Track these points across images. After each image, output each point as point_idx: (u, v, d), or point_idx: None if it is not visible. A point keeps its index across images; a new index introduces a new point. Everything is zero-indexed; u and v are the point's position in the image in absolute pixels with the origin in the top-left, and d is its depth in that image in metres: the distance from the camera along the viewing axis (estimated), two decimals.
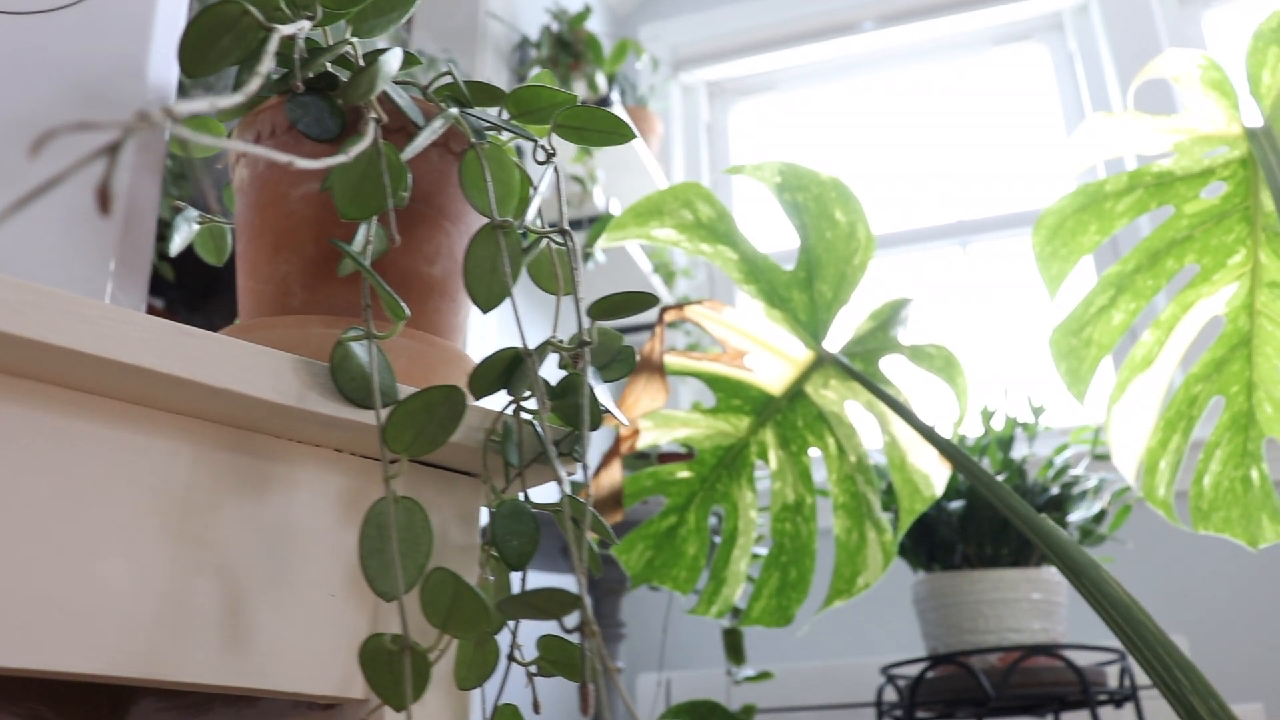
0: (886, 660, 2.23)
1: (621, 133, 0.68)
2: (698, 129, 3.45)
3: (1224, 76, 1.22)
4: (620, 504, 1.32)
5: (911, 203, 3.27)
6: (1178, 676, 0.77)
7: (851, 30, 3.42)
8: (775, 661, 2.65)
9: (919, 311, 1.31)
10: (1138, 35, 3.12)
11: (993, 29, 3.42)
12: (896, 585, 2.63)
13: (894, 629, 2.61)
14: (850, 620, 2.67)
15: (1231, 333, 1.30)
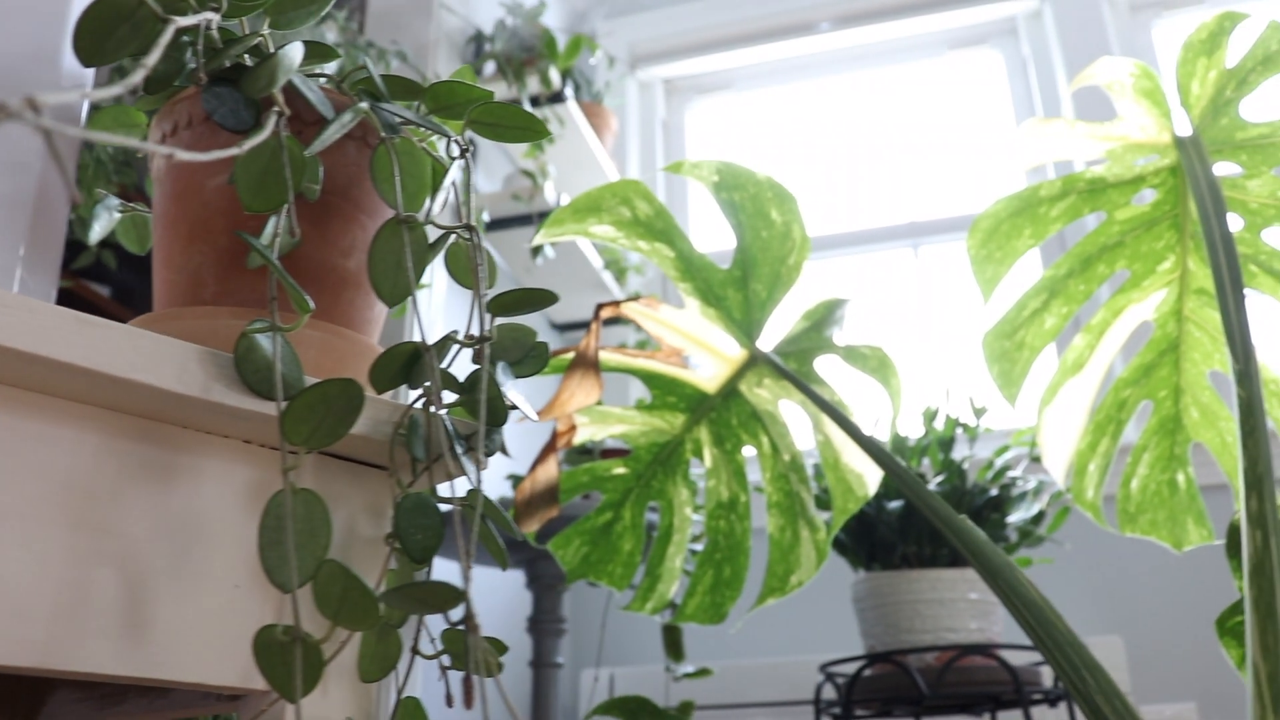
0: (827, 658, 2.25)
1: (535, 130, 0.68)
2: (654, 126, 3.45)
3: (1156, 85, 1.23)
4: (556, 499, 1.33)
5: (866, 204, 3.29)
6: (1085, 677, 0.78)
7: (808, 31, 3.44)
8: (717, 658, 2.66)
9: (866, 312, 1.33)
10: (1089, 42, 3.15)
11: (948, 32, 3.44)
12: (839, 584, 2.65)
13: (835, 627, 2.63)
14: (792, 618, 2.68)
15: (1160, 338, 1.31)
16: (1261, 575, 0.76)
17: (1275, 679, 0.71)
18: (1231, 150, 1.25)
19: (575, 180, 2.85)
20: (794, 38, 3.45)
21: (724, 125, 3.53)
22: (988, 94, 3.36)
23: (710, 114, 3.56)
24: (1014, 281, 1.32)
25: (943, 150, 3.31)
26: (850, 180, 3.34)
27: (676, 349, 1.28)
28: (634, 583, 1.72)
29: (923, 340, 3.06)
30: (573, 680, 2.65)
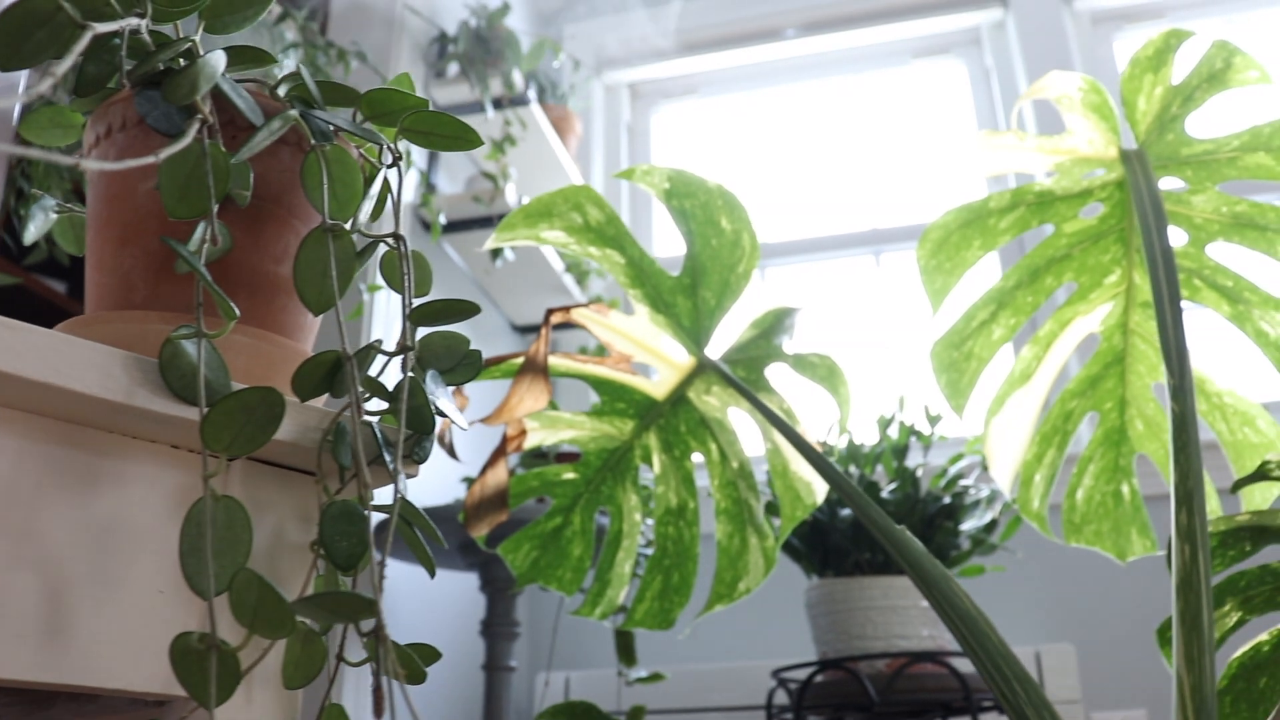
0: (781, 664, 2.26)
1: (468, 139, 0.68)
2: (619, 130, 3.46)
3: (1104, 100, 1.25)
4: (505, 503, 1.33)
5: (829, 211, 3.30)
6: (1015, 688, 0.79)
7: (774, 37, 3.45)
8: (672, 663, 2.66)
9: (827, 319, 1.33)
10: (1051, 54, 3.17)
11: (913, 41, 3.46)
12: (794, 590, 2.66)
13: (790, 634, 2.64)
14: (747, 624, 2.69)
15: (1106, 350, 1.33)
16: (1188, 589, 0.77)
17: (1198, 691, 0.72)
18: (1177, 166, 1.27)
19: (537, 183, 2.85)
20: (760, 44, 3.46)
21: (689, 130, 3.54)
22: (951, 103, 3.38)
23: (676, 119, 3.57)
24: (964, 292, 1.33)
25: (906, 159, 3.33)
26: (814, 187, 3.36)
27: (626, 355, 1.28)
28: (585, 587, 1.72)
29: (883, 348, 3.07)
30: (529, 684, 2.65)
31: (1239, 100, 3.04)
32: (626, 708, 2.30)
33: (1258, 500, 1.32)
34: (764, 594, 2.68)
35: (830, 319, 3.15)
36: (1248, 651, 1.26)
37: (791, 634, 2.63)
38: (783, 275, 3.24)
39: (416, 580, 2.23)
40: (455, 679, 2.34)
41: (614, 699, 2.39)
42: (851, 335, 3.11)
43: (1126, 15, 3.31)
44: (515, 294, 2.81)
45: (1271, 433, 1.32)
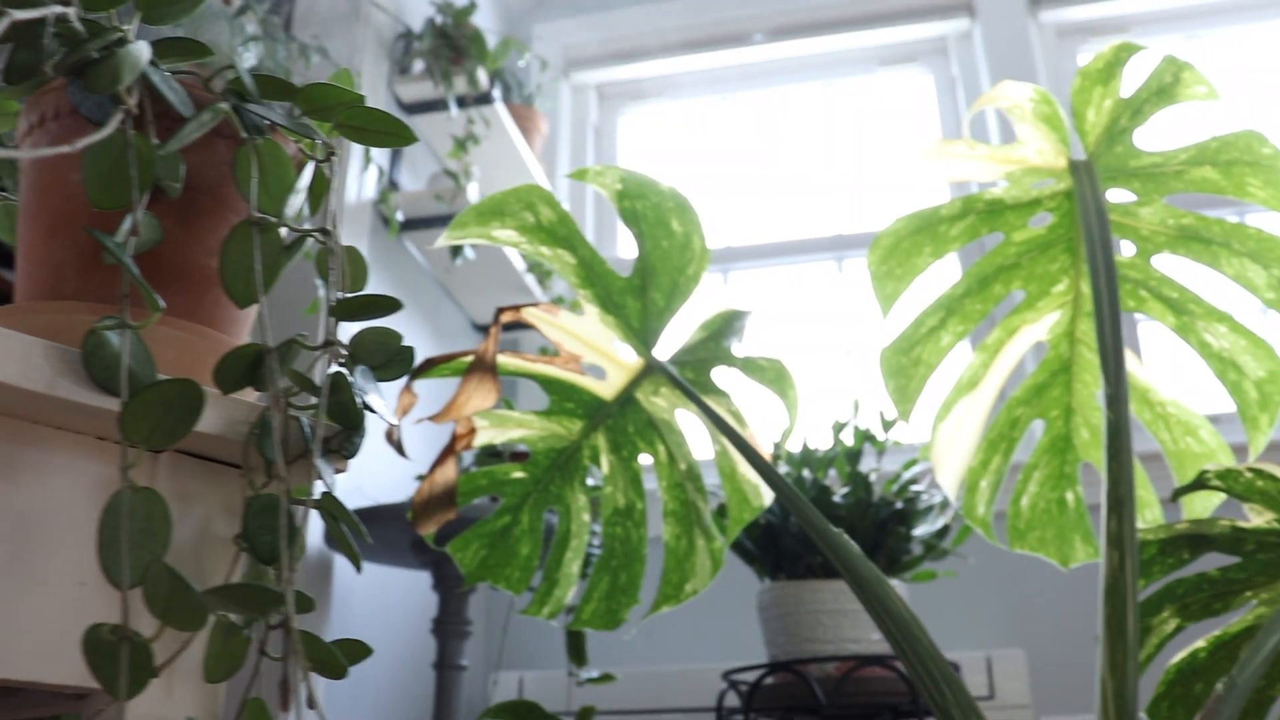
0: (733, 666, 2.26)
1: (402, 135, 0.68)
2: (586, 131, 3.46)
3: (1055, 111, 1.26)
4: (454, 502, 1.32)
5: (793, 216, 3.31)
6: (944, 691, 0.79)
7: (743, 42, 3.45)
8: (626, 664, 2.66)
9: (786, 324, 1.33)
10: (1016, 65, 3.19)
11: (880, 49, 3.47)
12: (748, 593, 2.67)
13: (745, 636, 2.64)
14: (701, 627, 2.69)
15: (1053, 359, 1.34)
16: (1115, 595, 0.78)
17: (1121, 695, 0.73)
18: (1125, 178, 1.28)
19: (501, 182, 2.85)
20: (728, 48, 3.47)
21: (656, 132, 3.54)
22: (917, 112, 3.40)
23: (643, 121, 3.57)
24: (915, 298, 1.34)
25: (871, 166, 3.34)
26: (780, 192, 3.37)
27: (575, 355, 1.28)
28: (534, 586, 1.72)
29: (843, 353, 3.09)
30: (484, 683, 2.65)
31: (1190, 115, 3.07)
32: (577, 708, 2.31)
33: (1198, 509, 1.33)
34: (718, 596, 2.69)
35: (792, 324, 3.16)
36: (1185, 658, 1.27)
37: (745, 636, 2.64)
38: (746, 279, 3.25)
39: (370, 578, 2.22)
40: (407, 677, 2.33)
41: (568, 700, 2.39)
42: (813, 340, 3.12)
43: (1091, 29, 3.33)
44: (477, 292, 2.81)
45: (1213, 443, 1.33)
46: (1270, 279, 1.29)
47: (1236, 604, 1.25)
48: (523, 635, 2.76)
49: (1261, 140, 1.25)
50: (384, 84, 2.50)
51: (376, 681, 2.21)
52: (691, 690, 2.41)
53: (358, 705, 2.11)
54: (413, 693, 2.35)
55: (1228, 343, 1.30)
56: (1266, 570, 1.21)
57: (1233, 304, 1.33)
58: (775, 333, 3.16)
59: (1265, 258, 1.28)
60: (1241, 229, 1.28)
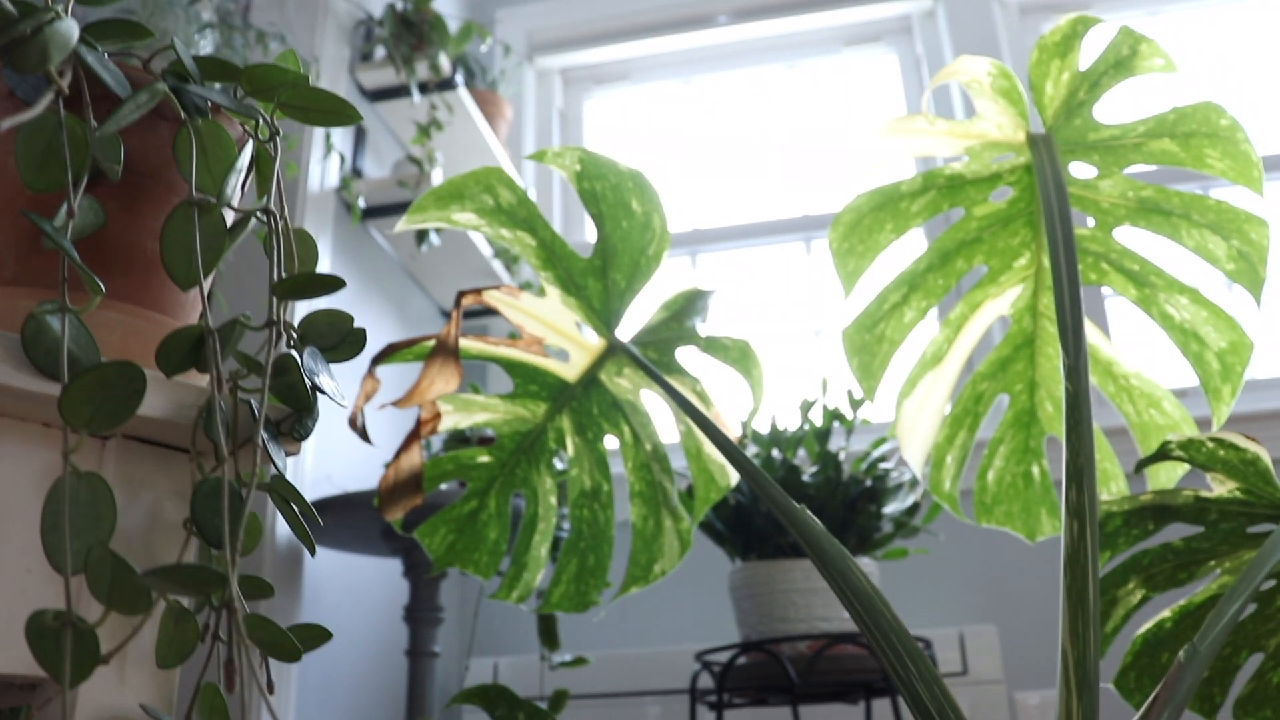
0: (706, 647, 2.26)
1: (347, 114, 0.68)
2: (551, 115, 3.44)
3: (1013, 85, 1.25)
4: (420, 487, 1.32)
5: (761, 197, 3.31)
6: (908, 665, 0.79)
7: (707, 24, 3.45)
8: (600, 647, 2.66)
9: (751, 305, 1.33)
10: (980, 43, 3.20)
11: (845, 29, 3.47)
12: (722, 574, 2.67)
13: (719, 617, 2.65)
14: (675, 608, 2.69)
15: (1016, 333, 1.34)
16: (1076, 565, 0.78)
17: (1082, 664, 0.73)
18: (1085, 151, 1.28)
19: (465, 168, 2.83)
20: (692, 30, 3.46)
21: (622, 116, 3.53)
22: (883, 92, 3.40)
23: (609, 105, 3.56)
24: (878, 275, 1.33)
25: (838, 146, 3.34)
26: (748, 174, 3.36)
27: (538, 337, 1.28)
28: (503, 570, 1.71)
29: (813, 333, 3.09)
30: (459, 669, 2.64)
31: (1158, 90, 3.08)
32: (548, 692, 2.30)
33: (1163, 480, 1.34)
34: (691, 578, 2.69)
35: (761, 305, 3.16)
36: (1151, 628, 1.28)
37: (719, 618, 2.64)
38: (714, 261, 3.25)
39: (341, 566, 2.21)
40: (380, 665, 2.32)
41: (542, 684, 2.39)
42: (782, 321, 3.12)
43: (1054, 6, 3.34)
44: (443, 278, 2.80)
45: (1177, 414, 1.34)
46: (1230, 250, 1.29)
47: (1201, 573, 1.26)
48: (497, 620, 2.76)
49: (1219, 112, 1.25)
50: (345, 71, 2.48)
51: (349, 669, 2.20)
52: (666, 672, 2.41)
53: (330, 693, 2.11)
54: (386, 680, 2.34)
55: (1189, 314, 1.31)
56: (1229, 539, 1.21)
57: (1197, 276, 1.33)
58: (744, 314, 3.16)
59: (1225, 229, 1.28)
60: (1201, 200, 1.28)
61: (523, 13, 3.53)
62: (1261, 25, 3.24)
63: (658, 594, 2.71)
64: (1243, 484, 1.16)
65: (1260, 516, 1.18)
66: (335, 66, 2.41)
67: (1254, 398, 2.74)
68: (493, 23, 3.51)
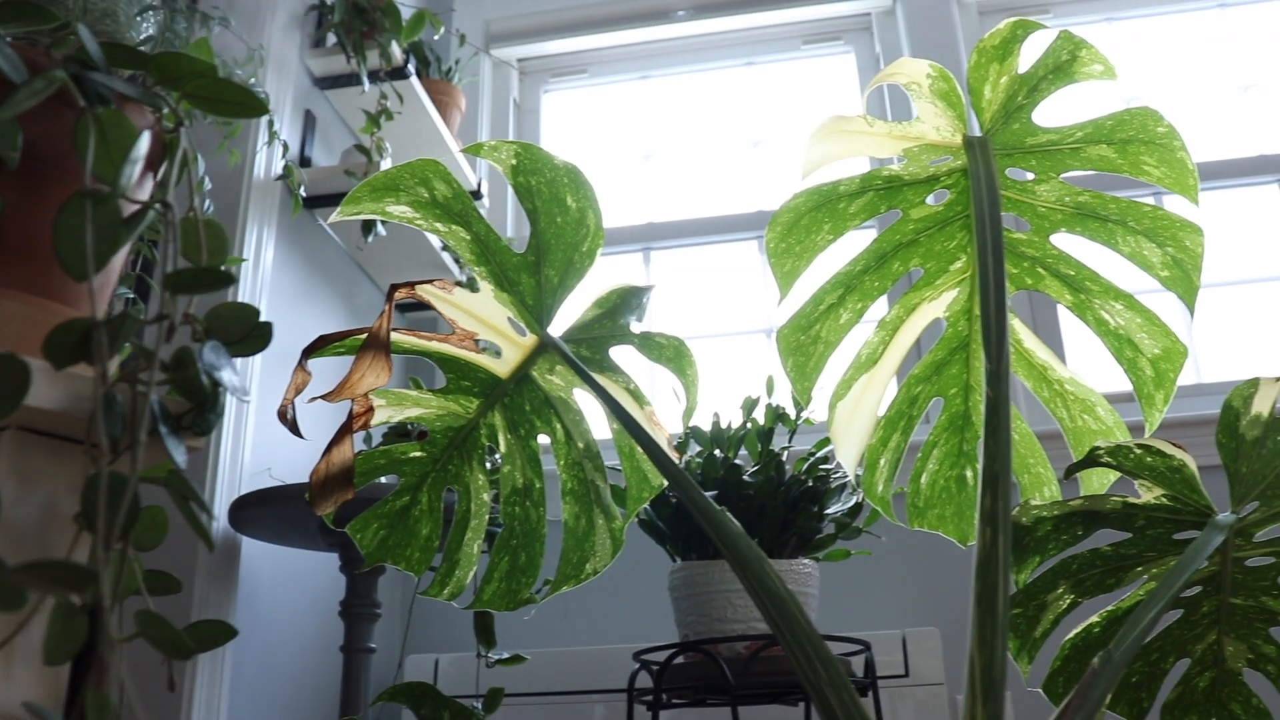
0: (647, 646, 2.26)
1: (253, 106, 0.66)
2: (507, 107, 3.42)
3: (953, 88, 1.25)
4: (351, 482, 1.30)
5: (718, 194, 3.30)
6: (818, 669, 0.79)
7: (665, 18, 3.44)
8: (545, 645, 2.65)
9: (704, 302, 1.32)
10: (938, 43, 3.20)
11: (804, 25, 3.47)
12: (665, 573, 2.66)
13: (662, 617, 2.64)
14: (617, 607, 2.69)
15: (951, 336, 1.34)
16: (987, 572, 0.78)
17: (988, 671, 0.73)
18: (1022, 155, 1.28)
19: (416, 157, 2.81)
20: (651, 24, 3.45)
21: (580, 109, 3.52)
22: (841, 90, 3.40)
23: (566, 97, 3.54)
24: (815, 276, 1.33)
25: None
26: (703, 170, 3.36)
27: (471, 332, 1.26)
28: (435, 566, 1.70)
29: (765, 332, 3.09)
30: (400, 665, 2.62)
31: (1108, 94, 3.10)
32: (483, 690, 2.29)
33: (1095, 486, 1.34)
34: (635, 577, 2.69)
35: (714, 302, 3.15)
36: (1080, 633, 1.28)
37: (663, 617, 2.64)
38: (668, 258, 3.24)
39: (278, 560, 2.19)
40: (316, 660, 2.30)
41: (479, 682, 2.38)
42: (735, 318, 3.12)
43: (1012, 8, 3.35)
44: (393, 269, 2.77)
45: (1110, 420, 1.34)
46: (1165, 258, 1.29)
47: (1129, 579, 1.26)
48: (440, 616, 2.74)
49: (1157, 118, 1.26)
50: (296, 56, 2.46)
51: (285, 664, 2.18)
52: (605, 671, 2.41)
53: (265, 688, 2.09)
54: (322, 675, 2.32)
55: (1124, 320, 1.31)
56: (1156, 546, 1.22)
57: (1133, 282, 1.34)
58: (697, 311, 3.15)
59: (1160, 236, 1.29)
60: (1137, 206, 1.28)
61: (481, 2, 3.50)
62: (1220, 33, 3.27)
63: (602, 592, 2.70)
64: (1169, 491, 1.17)
65: (1185, 523, 1.19)
66: (285, 51, 2.39)
67: (1190, 404, 2.76)
68: (450, 11, 3.49)
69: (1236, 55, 3.22)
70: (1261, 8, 3.27)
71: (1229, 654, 1.29)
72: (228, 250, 0.70)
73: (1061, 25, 3.30)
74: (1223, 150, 3.07)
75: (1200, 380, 2.86)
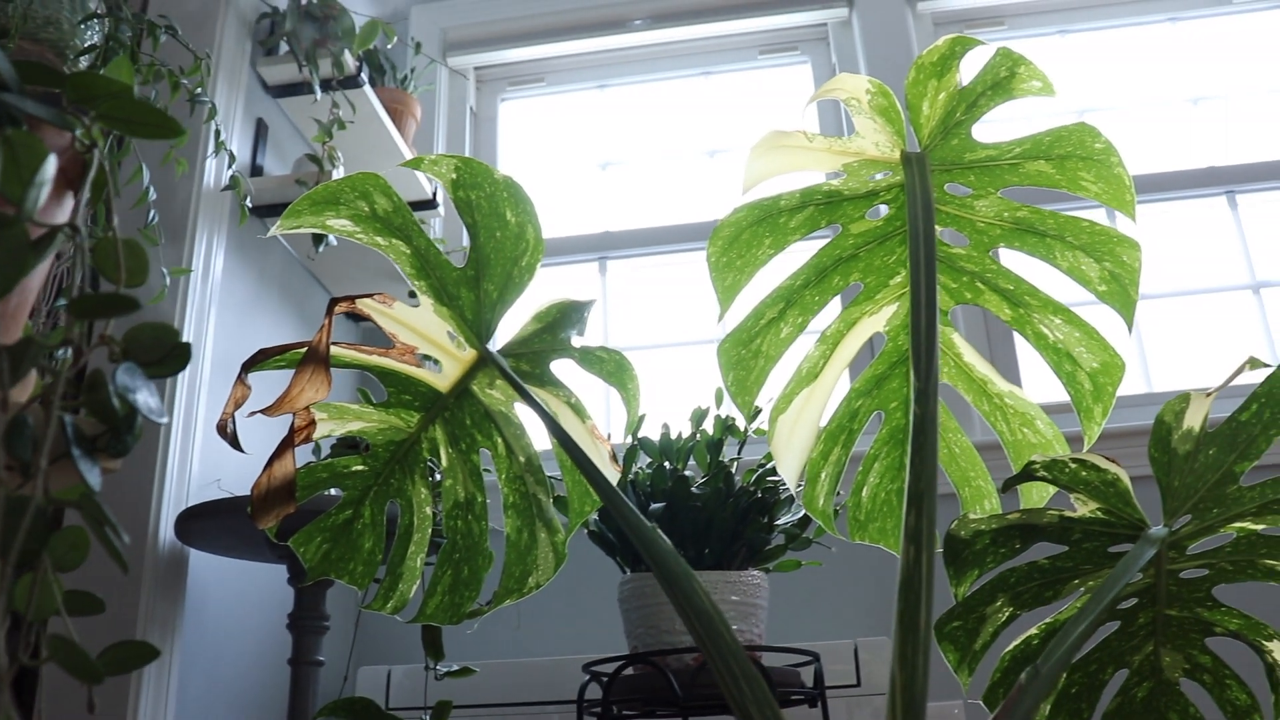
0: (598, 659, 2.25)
1: (169, 129, 0.66)
2: (464, 115, 3.42)
3: (892, 103, 1.26)
4: (293, 495, 1.30)
5: (675, 204, 3.31)
6: (742, 686, 0.79)
7: (622, 28, 3.44)
8: (498, 657, 2.65)
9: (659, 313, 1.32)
10: (893, 54, 3.22)
11: (761, 36, 3.48)
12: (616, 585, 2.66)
13: (616, 629, 2.64)
14: (572, 619, 2.68)
15: (892, 350, 1.35)
16: (909, 590, 0.78)
17: (909, 689, 0.73)
18: (961, 171, 1.29)
19: (371, 167, 2.80)
20: (608, 34, 3.45)
21: (537, 117, 3.52)
22: (798, 99, 3.41)
23: (523, 106, 3.54)
24: (757, 290, 1.34)
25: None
26: (661, 181, 3.36)
27: (411, 346, 1.26)
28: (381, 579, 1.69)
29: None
30: (353, 678, 2.61)
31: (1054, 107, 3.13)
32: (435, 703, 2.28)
33: (1035, 499, 1.35)
34: (589, 587, 2.69)
35: (670, 312, 3.16)
36: (1018, 645, 1.29)
37: (617, 628, 2.64)
38: (625, 267, 3.24)
39: (227, 572, 2.18)
40: (265, 673, 2.29)
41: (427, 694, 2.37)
42: (690, 328, 3.12)
43: (967, 19, 3.37)
44: (348, 280, 2.76)
45: (1049, 433, 1.36)
46: (1103, 272, 1.31)
47: (1066, 591, 1.27)
48: (393, 628, 2.73)
49: (1094, 134, 1.27)
50: (248, 64, 2.44)
51: (233, 677, 2.17)
52: (559, 682, 2.40)
53: (212, 703, 2.07)
54: (270, 688, 2.30)
55: (1063, 335, 1.32)
56: (1092, 559, 1.23)
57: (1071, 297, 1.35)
58: (652, 321, 3.16)
59: (1098, 251, 1.30)
60: (1075, 222, 1.30)
61: (437, 10, 3.50)
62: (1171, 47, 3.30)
63: (556, 603, 2.70)
64: (1104, 505, 1.18)
65: (1120, 537, 1.20)
66: (236, 60, 2.37)
67: (1141, 413, 2.79)
68: (407, 19, 3.48)
69: (1187, 69, 3.25)
70: (1211, 23, 3.31)
71: (1166, 664, 1.30)
72: (146, 271, 0.70)
73: (1016, 38, 3.33)
74: (1173, 162, 3.10)
75: (1151, 390, 2.89)
